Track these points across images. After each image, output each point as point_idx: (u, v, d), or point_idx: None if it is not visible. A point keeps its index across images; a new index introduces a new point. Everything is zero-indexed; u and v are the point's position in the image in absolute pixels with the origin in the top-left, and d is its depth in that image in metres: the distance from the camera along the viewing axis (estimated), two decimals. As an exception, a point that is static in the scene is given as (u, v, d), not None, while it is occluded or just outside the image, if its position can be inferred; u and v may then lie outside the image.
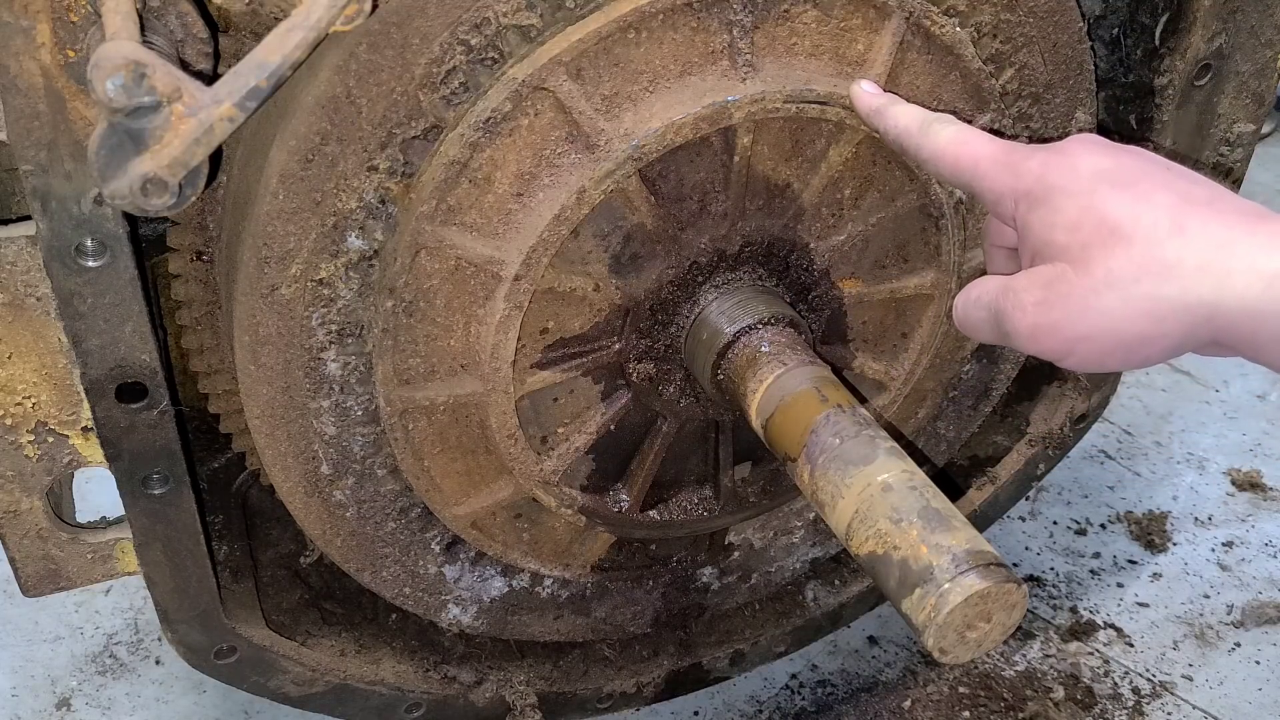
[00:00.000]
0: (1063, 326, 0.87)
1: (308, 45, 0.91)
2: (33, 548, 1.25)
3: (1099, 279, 0.85)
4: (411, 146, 1.05)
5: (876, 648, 2.03)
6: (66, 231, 1.03)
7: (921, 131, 1.04)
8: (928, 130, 1.04)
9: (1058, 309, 0.87)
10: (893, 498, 1.01)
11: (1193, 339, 0.84)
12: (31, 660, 1.97)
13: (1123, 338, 0.85)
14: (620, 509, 1.38)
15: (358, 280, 1.11)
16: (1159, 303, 0.82)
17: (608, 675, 1.68)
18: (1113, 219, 0.85)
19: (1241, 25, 1.38)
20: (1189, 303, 0.81)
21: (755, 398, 1.18)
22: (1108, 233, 0.85)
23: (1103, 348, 0.87)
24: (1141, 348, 0.85)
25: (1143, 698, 1.94)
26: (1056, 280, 0.88)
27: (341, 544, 1.31)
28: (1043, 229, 0.90)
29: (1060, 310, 0.87)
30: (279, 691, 1.48)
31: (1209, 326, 0.82)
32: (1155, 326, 0.83)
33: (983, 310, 0.96)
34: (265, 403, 1.16)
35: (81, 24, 0.94)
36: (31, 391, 1.15)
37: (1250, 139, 1.52)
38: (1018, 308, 0.90)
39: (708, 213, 1.21)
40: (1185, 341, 0.84)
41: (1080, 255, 0.86)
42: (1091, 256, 0.85)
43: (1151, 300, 0.83)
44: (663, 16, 1.08)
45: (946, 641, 0.94)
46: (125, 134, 0.88)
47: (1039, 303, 0.89)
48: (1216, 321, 0.81)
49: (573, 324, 1.22)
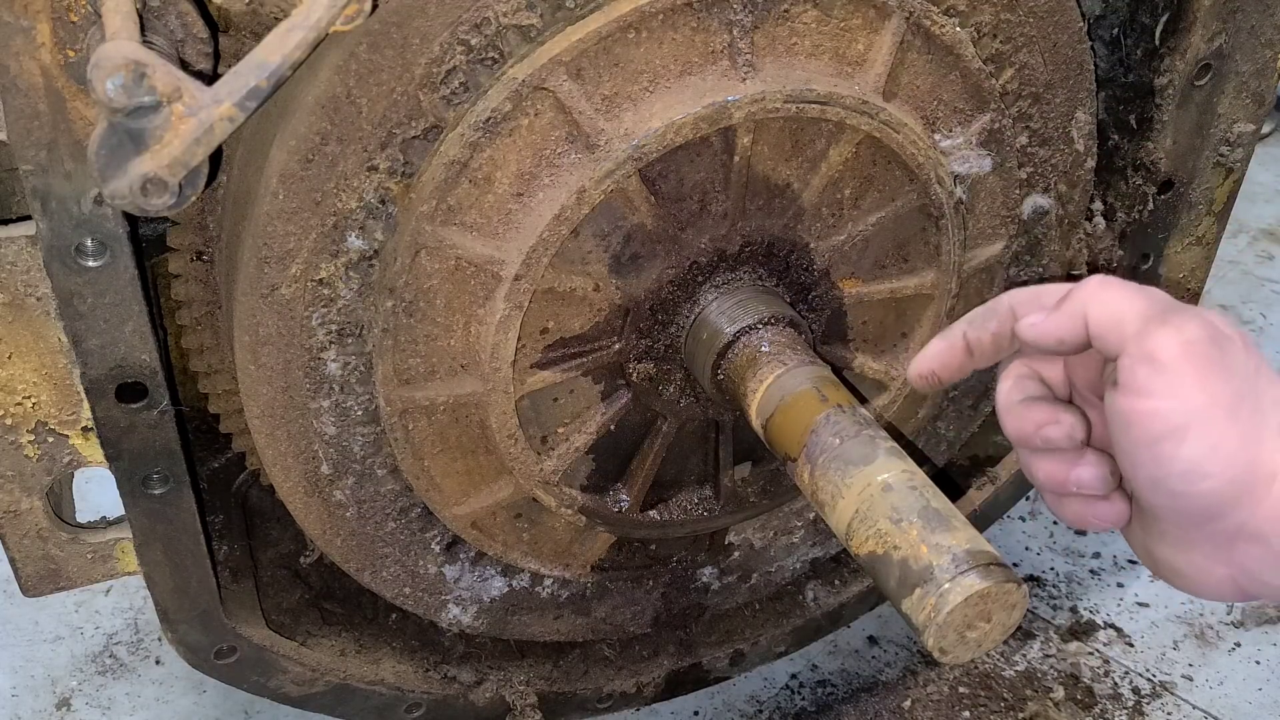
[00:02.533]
0: (1216, 369, 0.79)
1: (308, 45, 0.91)
2: (33, 548, 1.25)
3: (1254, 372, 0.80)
4: (411, 146, 1.05)
5: (876, 648, 2.03)
6: (66, 231, 1.03)
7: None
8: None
9: (1218, 351, 0.79)
10: (893, 498, 1.01)
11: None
12: (31, 660, 1.97)
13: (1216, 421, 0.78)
14: (620, 509, 1.38)
15: (358, 280, 1.11)
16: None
17: (608, 675, 1.68)
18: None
19: (1241, 25, 1.38)
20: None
21: (755, 398, 1.18)
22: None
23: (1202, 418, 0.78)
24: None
25: (1143, 698, 1.94)
26: (1223, 335, 0.81)
27: (341, 544, 1.31)
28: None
29: (1220, 354, 0.79)
30: (279, 691, 1.48)
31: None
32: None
33: (1078, 319, 0.85)
34: (265, 403, 1.16)
35: (81, 24, 0.94)
36: (31, 391, 1.15)
37: (1250, 139, 1.52)
38: (1172, 324, 0.80)
39: (708, 213, 1.21)
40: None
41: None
42: (1260, 367, 0.81)
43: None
44: (663, 16, 1.08)
45: (946, 641, 0.94)
46: (125, 134, 0.88)
47: (1200, 335, 0.80)
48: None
49: (573, 324, 1.22)
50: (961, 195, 1.31)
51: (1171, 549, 0.85)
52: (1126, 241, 1.53)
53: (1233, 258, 3.02)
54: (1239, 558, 0.81)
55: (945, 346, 0.96)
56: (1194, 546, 0.84)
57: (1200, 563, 0.84)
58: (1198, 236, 1.61)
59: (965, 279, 1.39)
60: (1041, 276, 1.48)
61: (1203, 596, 0.87)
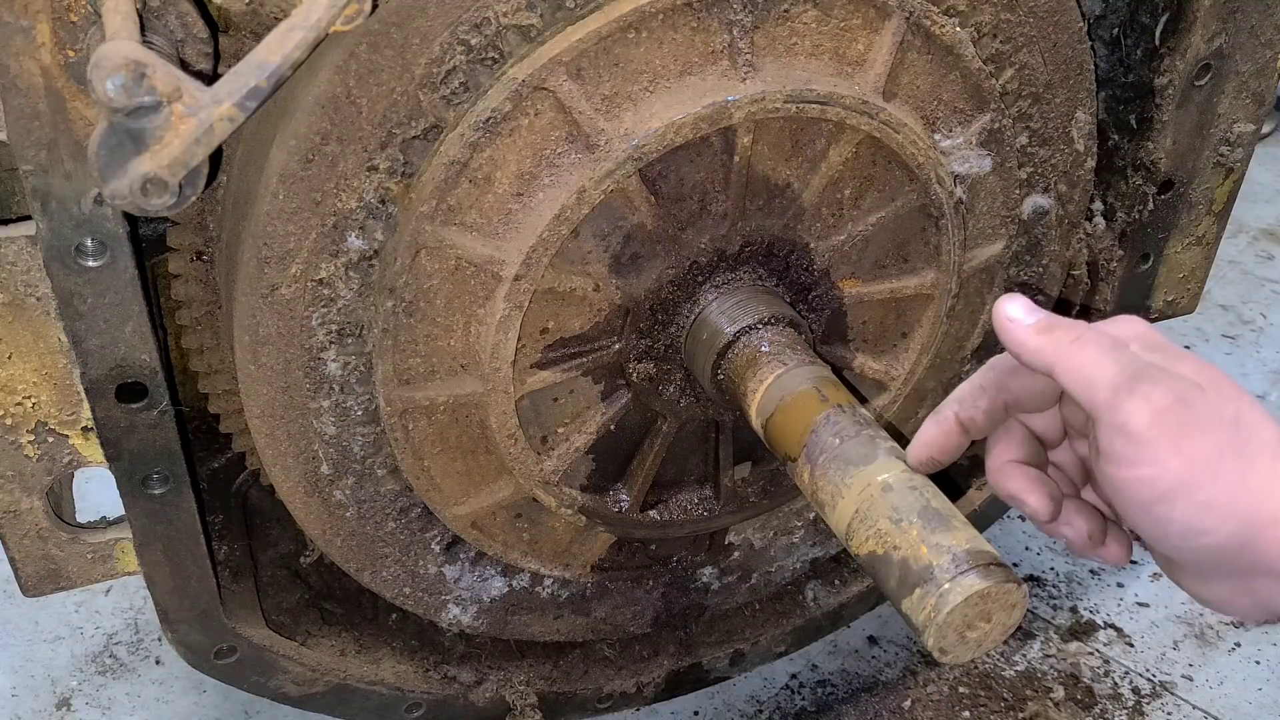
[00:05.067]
0: (1190, 431, 0.79)
1: (308, 45, 0.91)
2: (33, 548, 1.25)
3: (1236, 416, 0.80)
4: (411, 146, 1.05)
5: (876, 648, 2.03)
6: (66, 231, 1.03)
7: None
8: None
9: (1188, 411, 0.79)
10: (893, 498, 1.01)
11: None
12: (31, 660, 1.97)
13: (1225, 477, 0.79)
14: (620, 509, 1.38)
15: (358, 280, 1.11)
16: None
17: (608, 675, 1.68)
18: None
19: (1241, 25, 1.38)
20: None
21: (755, 398, 1.18)
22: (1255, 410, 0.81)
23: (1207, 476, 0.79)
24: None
25: (1143, 698, 1.94)
26: (1192, 391, 0.80)
27: (341, 544, 1.31)
28: (1162, 361, 0.84)
29: (1190, 414, 0.79)
30: (279, 691, 1.48)
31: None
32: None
33: (1047, 367, 0.86)
34: (265, 403, 1.16)
35: (81, 24, 0.94)
36: (31, 391, 1.15)
37: (1250, 139, 1.52)
38: (1139, 393, 0.80)
39: (708, 213, 1.21)
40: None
41: (1214, 392, 0.81)
42: (1238, 413, 0.81)
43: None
44: (663, 16, 1.08)
45: (946, 641, 0.94)
46: (125, 134, 0.88)
47: (1168, 402, 0.79)
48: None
49: (573, 324, 1.22)
50: (961, 195, 1.31)
51: (1193, 582, 0.86)
52: (1126, 241, 1.53)
53: (1233, 258, 3.03)
54: (1261, 591, 0.82)
55: (939, 432, 0.97)
56: (1214, 582, 0.84)
57: (1224, 594, 0.85)
58: (1198, 236, 1.61)
59: (965, 279, 1.39)
60: (1041, 276, 1.48)
61: (1239, 619, 0.88)
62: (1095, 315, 1.60)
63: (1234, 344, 2.75)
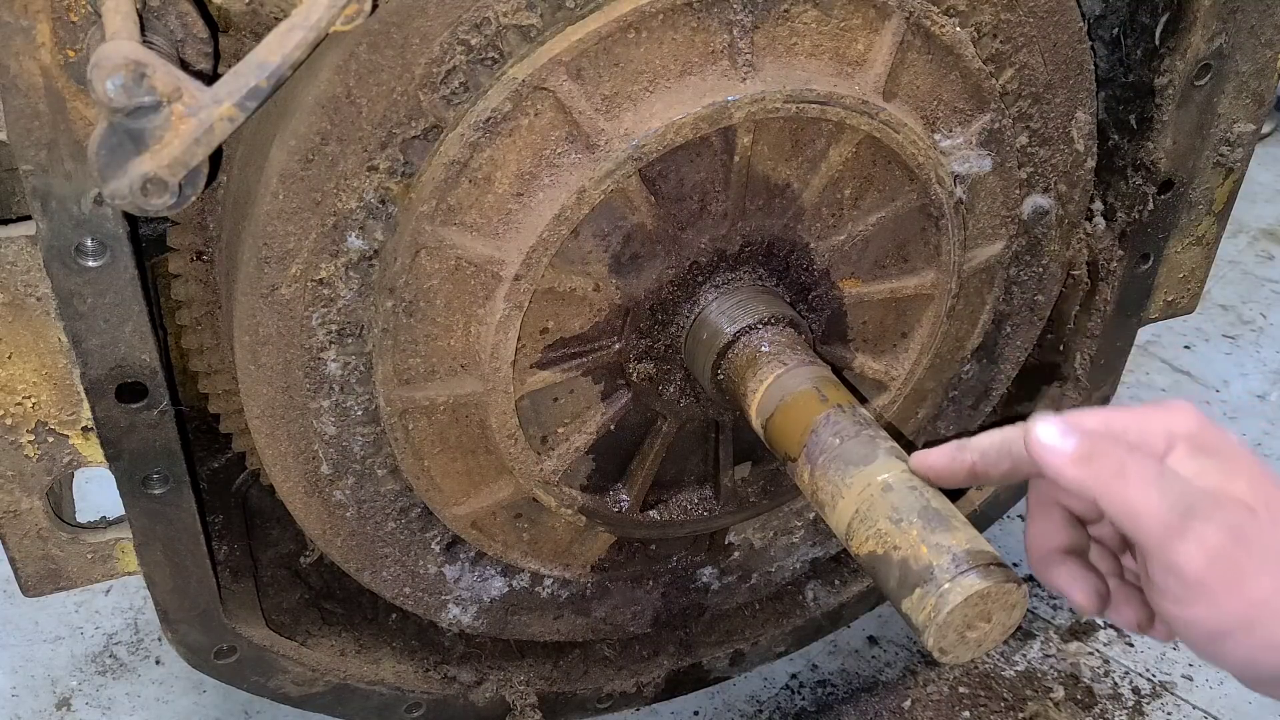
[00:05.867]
0: (1247, 571, 0.76)
1: (308, 45, 0.91)
2: (33, 548, 1.25)
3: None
4: (411, 146, 1.05)
5: (876, 648, 2.03)
6: (66, 231, 1.03)
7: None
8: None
9: (1244, 550, 0.76)
10: (893, 498, 1.01)
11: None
12: (31, 660, 1.97)
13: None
14: (620, 509, 1.38)
15: (358, 280, 1.11)
16: None
17: (608, 675, 1.68)
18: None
19: (1241, 25, 1.38)
20: None
21: (755, 398, 1.18)
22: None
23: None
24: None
25: (1143, 698, 1.94)
26: (1247, 521, 0.77)
27: (341, 544, 1.31)
28: (1213, 476, 0.80)
29: (1246, 552, 0.76)
30: (279, 691, 1.48)
31: None
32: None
33: (1088, 494, 0.82)
34: (265, 403, 1.16)
35: (81, 24, 0.94)
36: (31, 391, 1.15)
37: (1250, 139, 1.52)
38: (1192, 534, 0.76)
39: (708, 213, 1.21)
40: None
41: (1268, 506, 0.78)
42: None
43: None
44: (663, 16, 1.08)
45: (946, 641, 0.94)
46: (125, 134, 0.88)
47: (1222, 541, 0.76)
48: None
49: (573, 324, 1.22)
50: (961, 195, 1.31)
51: (1252, 687, 0.86)
52: (1126, 241, 1.53)
53: (1233, 258, 3.03)
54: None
55: (949, 463, 0.96)
56: (1274, 688, 0.84)
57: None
58: (1198, 236, 1.61)
59: (965, 279, 1.39)
60: (1041, 276, 1.48)
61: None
62: (1096, 315, 1.60)
63: (1234, 344, 2.75)
